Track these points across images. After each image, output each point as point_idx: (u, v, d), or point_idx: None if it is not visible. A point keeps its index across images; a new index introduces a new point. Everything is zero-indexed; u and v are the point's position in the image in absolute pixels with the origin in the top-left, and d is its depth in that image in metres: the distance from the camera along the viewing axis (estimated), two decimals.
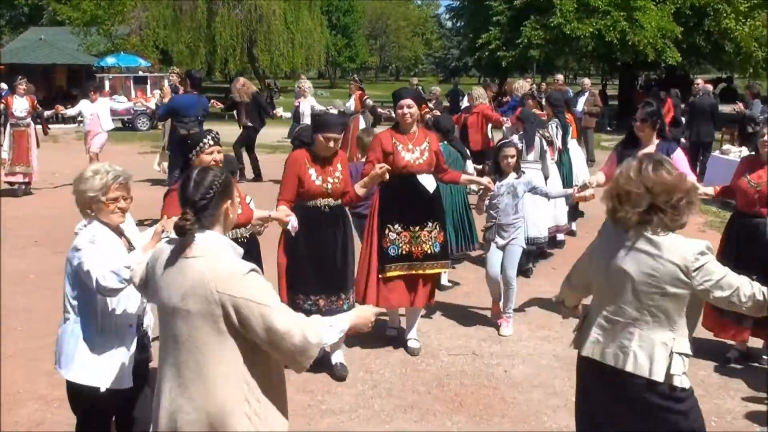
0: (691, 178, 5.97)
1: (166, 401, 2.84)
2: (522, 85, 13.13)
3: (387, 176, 5.61)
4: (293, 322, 2.75)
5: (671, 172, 3.12)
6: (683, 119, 15.96)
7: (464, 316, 7.09)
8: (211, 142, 4.70)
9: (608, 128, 25.76)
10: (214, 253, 2.81)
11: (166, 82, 27.47)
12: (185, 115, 11.26)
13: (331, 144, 5.41)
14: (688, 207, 3.12)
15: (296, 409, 5.19)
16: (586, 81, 18.31)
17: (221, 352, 2.75)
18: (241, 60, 34.46)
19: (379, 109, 15.25)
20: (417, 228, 6.05)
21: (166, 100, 13.24)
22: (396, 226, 6.04)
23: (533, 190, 6.82)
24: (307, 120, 13.41)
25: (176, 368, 2.82)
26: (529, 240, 7.85)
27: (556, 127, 9.21)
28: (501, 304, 6.82)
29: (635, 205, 3.11)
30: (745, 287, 3.10)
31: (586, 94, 17.18)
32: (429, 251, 6.08)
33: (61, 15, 34.76)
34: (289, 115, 14.46)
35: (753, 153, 6.16)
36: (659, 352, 3.13)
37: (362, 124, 14.17)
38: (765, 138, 5.74)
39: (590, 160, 16.88)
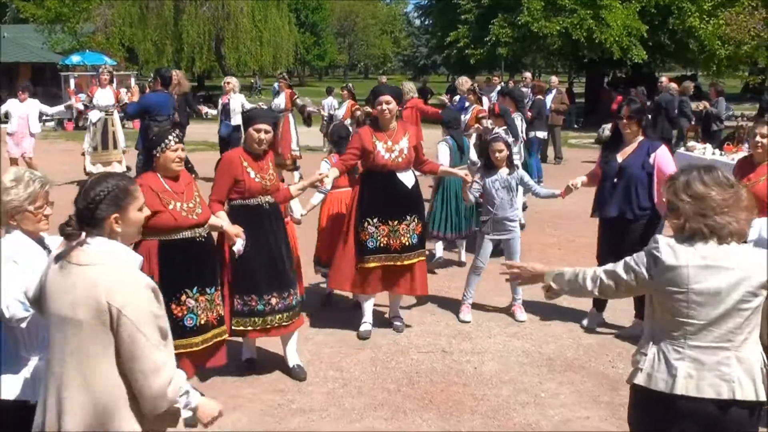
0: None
1: (52, 412, 2.73)
2: (463, 81, 13.33)
3: (326, 183, 5.97)
4: (163, 365, 2.67)
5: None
6: (649, 117, 16.14)
7: (433, 313, 7.11)
8: (176, 140, 4.69)
9: (575, 126, 25.98)
10: (106, 261, 2.71)
11: (132, 80, 27.33)
12: (159, 113, 11.14)
13: (263, 135, 5.40)
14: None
15: (266, 409, 5.18)
16: (554, 79, 18.45)
17: (110, 362, 2.66)
18: (208, 58, 34.27)
19: (308, 108, 15.35)
20: (395, 222, 6.22)
21: (135, 98, 13.05)
22: (374, 219, 6.22)
23: (525, 186, 6.96)
24: (237, 117, 13.44)
25: (63, 380, 2.70)
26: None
27: (521, 120, 9.82)
28: (514, 294, 7.03)
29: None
30: None
31: (554, 92, 17.30)
32: (407, 243, 6.28)
33: (24, 12, 34.22)
34: (215, 112, 14.26)
35: (746, 155, 6.15)
36: (758, 370, 2.97)
37: (291, 122, 14.27)
38: (757, 138, 5.64)
39: (558, 158, 17.06)
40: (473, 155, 8.56)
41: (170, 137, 4.69)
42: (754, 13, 22.65)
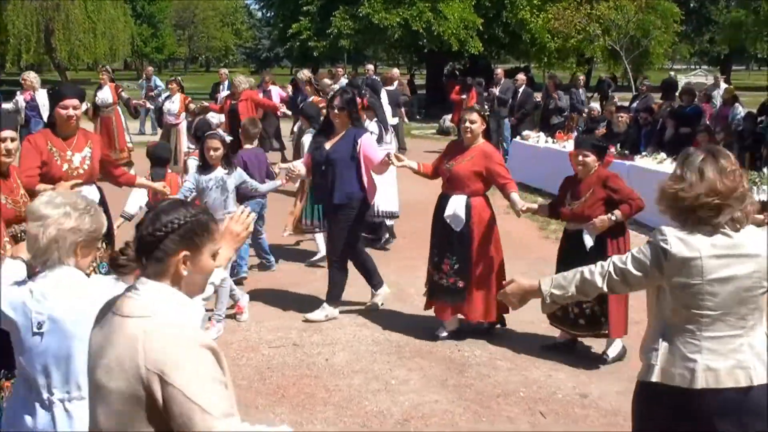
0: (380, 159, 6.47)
1: None
2: (242, 80, 13.43)
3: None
4: None
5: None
6: (486, 107, 16.75)
7: (283, 307, 7.09)
8: None
9: (417, 117, 26.55)
10: (157, 313, 2.12)
11: None
12: None
13: (9, 145, 4.59)
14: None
15: None
16: (395, 71, 18.76)
17: None
18: (37, 51, 32.45)
19: (134, 101, 15.22)
20: None
21: None
22: None
23: (243, 184, 6.69)
24: (44, 112, 13.04)
25: None
26: (384, 213, 8.76)
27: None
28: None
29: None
30: None
31: (395, 83, 17.59)
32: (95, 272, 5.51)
33: None
34: (9, 106, 13.63)
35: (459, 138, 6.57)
36: (764, 353, 2.97)
37: (122, 116, 14.11)
38: (467, 124, 6.10)
39: (402, 149, 17.39)
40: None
41: None
42: (580, 9, 23.97)
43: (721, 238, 2.91)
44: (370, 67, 19.30)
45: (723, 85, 18.09)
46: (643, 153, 11.37)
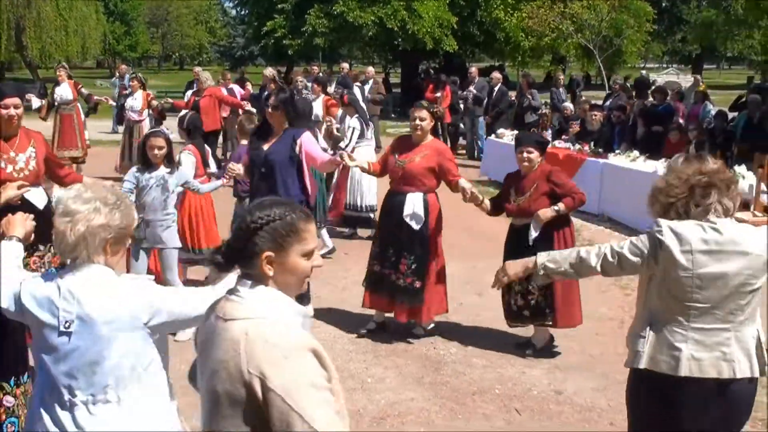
0: (325, 157, 6.40)
1: None
2: (206, 77, 13.43)
3: None
4: None
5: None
6: (462, 106, 16.78)
7: None
8: None
9: (392, 115, 26.56)
10: (258, 315, 2.08)
11: None
12: None
13: None
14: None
15: None
16: (370, 69, 18.78)
17: None
18: (8, 48, 32.07)
19: (95, 97, 15.17)
20: (26, 254, 4.61)
21: None
22: None
23: (186, 184, 6.51)
24: None
25: None
26: (369, 207, 9.27)
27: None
28: None
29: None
30: None
31: (370, 82, 17.61)
32: None
33: None
34: None
35: (407, 134, 6.51)
36: (753, 348, 3.05)
37: (82, 114, 14.04)
38: (417, 122, 6.11)
39: (377, 147, 17.39)
40: (212, 165, 7.96)
41: None
42: (553, 7, 24.11)
43: (712, 234, 2.98)
44: (345, 65, 19.29)
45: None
46: (617, 151, 11.47)
